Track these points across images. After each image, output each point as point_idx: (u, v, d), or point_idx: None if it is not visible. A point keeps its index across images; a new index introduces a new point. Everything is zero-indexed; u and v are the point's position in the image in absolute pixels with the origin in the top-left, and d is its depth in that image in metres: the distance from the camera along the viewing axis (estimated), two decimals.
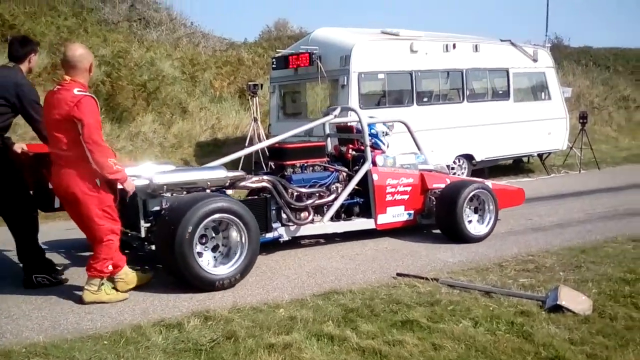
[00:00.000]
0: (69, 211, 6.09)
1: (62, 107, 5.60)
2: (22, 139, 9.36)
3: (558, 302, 5.41)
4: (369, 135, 8.66)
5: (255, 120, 13.75)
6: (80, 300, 5.93)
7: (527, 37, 15.65)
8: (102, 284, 5.96)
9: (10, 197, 6.35)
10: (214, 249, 6.54)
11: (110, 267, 6.00)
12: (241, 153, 9.10)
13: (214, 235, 6.51)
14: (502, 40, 15.44)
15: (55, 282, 6.53)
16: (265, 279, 6.73)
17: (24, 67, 6.44)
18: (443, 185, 8.71)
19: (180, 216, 6.19)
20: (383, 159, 8.71)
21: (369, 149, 8.49)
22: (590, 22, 68.90)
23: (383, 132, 9.18)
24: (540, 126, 15.25)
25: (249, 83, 14.47)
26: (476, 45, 14.53)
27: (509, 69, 14.91)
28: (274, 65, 14.26)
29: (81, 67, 5.78)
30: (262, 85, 14.77)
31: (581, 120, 16.76)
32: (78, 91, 5.62)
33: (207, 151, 14.91)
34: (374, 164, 8.51)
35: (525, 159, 16.63)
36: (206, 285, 6.25)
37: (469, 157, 14.09)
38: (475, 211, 8.58)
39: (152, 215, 6.74)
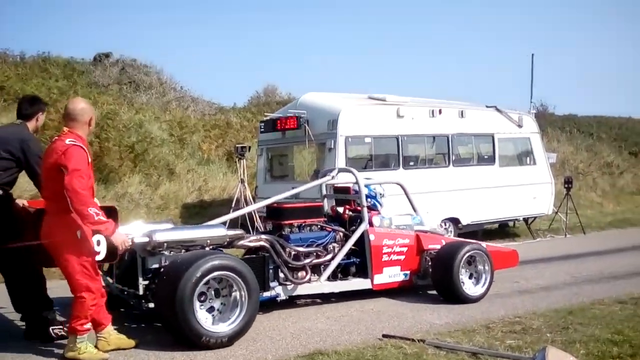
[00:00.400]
0: (56, 262, 5.96)
1: (52, 156, 5.69)
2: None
3: None
4: (366, 196, 8.73)
5: (242, 182, 13.77)
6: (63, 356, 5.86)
7: (512, 104, 16.23)
8: (81, 342, 5.82)
9: (14, 252, 6.31)
10: (212, 307, 6.52)
11: (87, 326, 5.85)
12: (238, 213, 9.24)
13: (213, 293, 6.50)
14: (487, 106, 15.65)
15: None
16: (248, 339, 6.58)
17: (31, 125, 6.62)
18: (439, 246, 8.76)
19: (182, 273, 6.19)
20: (380, 219, 8.78)
21: (365, 210, 8.55)
22: (574, 91, 70.22)
23: (380, 194, 9.27)
24: (526, 191, 15.34)
25: (237, 145, 14.54)
26: (462, 111, 14.71)
27: (495, 134, 15.07)
28: (262, 128, 14.39)
29: (81, 120, 5.89)
30: (249, 147, 14.84)
31: (566, 185, 16.91)
32: (69, 141, 5.67)
33: (194, 212, 14.90)
34: (371, 224, 8.56)
35: (511, 223, 16.66)
36: (206, 344, 6.20)
37: (455, 221, 14.11)
38: (470, 276, 8.61)
39: (151, 273, 6.74)
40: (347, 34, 74.05)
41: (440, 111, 14.23)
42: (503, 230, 16.51)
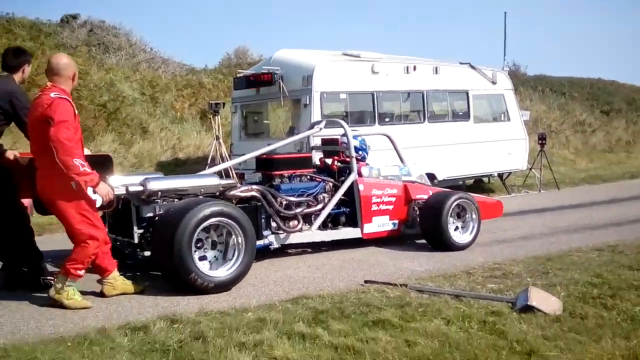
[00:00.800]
0: (55, 215, 6.01)
1: (38, 110, 5.69)
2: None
3: (528, 303, 5.40)
4: (354, 147, 8.79)
5: (218, 138, 13.63)
6: (48, 295, 5.89)
7: (486, 62, 16.21)
8: (69, 286, 5.82)
9: (4, 204, 6.38)
10: (210, 253, 6.59)
11: (80, 272, 5.86)
12: (229, 163, 9.32)
13: (210, 237, 6.55)
14: (461, 63, 15.61)
15: None
16: None
17: (17, 77, 6.58)
18: (426, 196, 8.87)
19: (179, 220, 6.23)
20: (368, 170, 8.88)
21: (354, 160, 8.63)
22: (546, 51, 70.43)
23: (367, 145, 9.32)
24: (500, 147, 15.39)
25: (211, 102, 14.37)
26: (436, 68, 14.65)
27: (469, 91, 15.05)
28: (235, 85, 14.20)
29: (64, 75, 5.88)
30: (224, 104, 14.68)
31: (540, 142, 17.02)
32: (54, 94, 5.66)
33: (169, 170, 14.74)
34: (360, 175, 8.63)
35: (486, 179, 16.75)
36: (205, 288, 6.26)
37: (430, 176, 14.07)
38: (458, 225, 8.73)
39: (145, 222, 6.79)
40: None
41: (414, 67, 14.16)
42: (478, 185, 16.58)
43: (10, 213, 6.46)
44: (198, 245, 6.40)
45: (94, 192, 5.90)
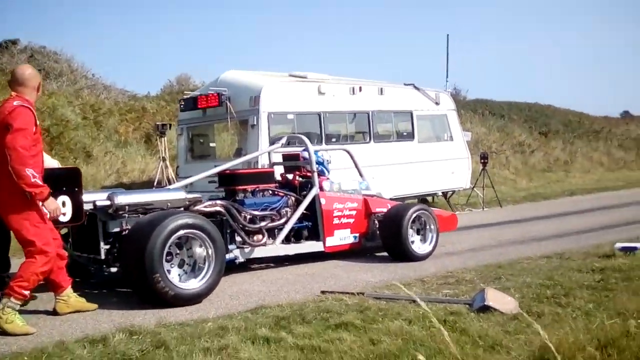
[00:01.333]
0: (8, 227, 5.79)
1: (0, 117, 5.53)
2: None
3: (485, 303, 5.49)
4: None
5: (164, 160, 13.53)
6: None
7: (429, 84, 16.45)
8: (10, 307, 5.47)
9: None
10: (180, 265, 6.58)
11: (25, 292, 5.58)
12: (196, 178, 9.09)
13: (178, 252, 6.55)
14: (405, 84, 15.85)
15: (31, 298, 6.25)
16: None
17: None
18: (385, 209, 9.05)
19: (150, 232, 6.21)
20: (329, 184, 9.02)
21: (316, 175, 8.73)
22: (486, 76, 72.19)
23: (327, 161, 9.51)
24: (444, 166, 15.63)
25: (157, 123, 14.31)
26: (381, 89, 14.85)
27: (413, 111, 15.28)
28: (182, 107, 14.11)
29: (29, 85, 5.80)
30: (170, 125, 14.60)
31: (482, 161, 17.36)
32: (17, 102, 5.55)
33: None
34: (321, 189, 8.73)
35: (430, 198, 16.96)
36: (177, 300, 6.24)
37: None
38: (417, 232, 8.93)
39: (112, 237, 6.72)
40: (260, 18, 73.55)
41: (360, 88, 14.32)
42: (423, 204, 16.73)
43: None
44: (168, 258, 6.37)
45: (63, 200, 5.82)
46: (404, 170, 14.66)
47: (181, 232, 6.41)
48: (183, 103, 14.06)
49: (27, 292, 5.62)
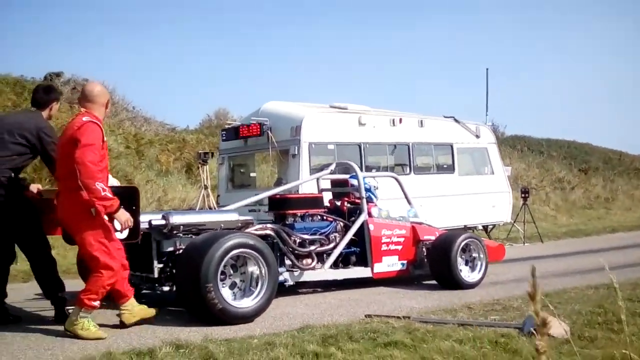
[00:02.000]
0: (74, 240, 5.99)
1: (68, 132, 5.76)
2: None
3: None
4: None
5: (206, 187, 13.62)
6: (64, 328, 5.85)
7: (468, 119, 16.39)
8: (84, 317, 5.74)
9: (28, 235, 6.44)
10: (232, 285, 6.65)
11: (95, 303, 5.80)
12: (249, 200, 9.26)
13: (232, 272, 6.63)
14: (445, 117, 15.83)
15: None
16: None
17: (45, 113, 6.66)
18: (433, 237, 9.01)
19: (206, 250, 6.29)
20: (378, 210, 9.01)
21: (365, 201, 8.72)
22: (524, 113, 71.81)
23: (374, 187, 9.46)
24: (485, 199, 15.48)
25: (199, 152, 14.42)
26: (421, 121, 14.84)
27: (453, 144, 15.22)
28: (223, 137, 14.24)
29: (98, 102, 5.99)
30: (212, 153, 14.72)
31: (523, 195, 17.20)
32: (86, 118, 5.73)
33: None
34: (369, 215, 8.69)
35: (471, 232, 16.78)
36: (231, 319, 6.32)
37: None
38: (466, 261, 8.86)
39: (165, 256, 6.82)
40: (298, 50, 74.20)
41: (400, 120, 14.32)
42: None
43: (35, 245, 6.48)
44: (222, 277, 6.43)
45: (112, 219, 5.87)
46: (444, 202, 14.54)
47: (236, 251, 6.49)
48: (225, 133, 14.20)
49: (96, 304, 5.84)
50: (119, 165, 16.41)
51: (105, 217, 5.77)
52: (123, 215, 5.80)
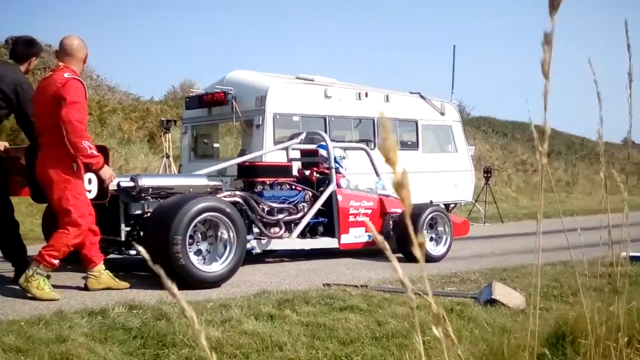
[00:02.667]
0: (47, 196, 5.87)
1: (51, 88, 5.62)
2: None
3: (492, 297, 5.40)
4: None
5: (168, 156, 13.46)
6: (16, 281, 5.84)
7: (435, 95, 16.35)
8: (40, 274, 5.61)
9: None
10: (198, 252, 6.60)
11: (54, 261, 5.69)
12: (221, 165, 9.48)
13: (199, 239, 6.59)
14: (411, 93, 15.81)
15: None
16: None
17: (23, 67, 6.40)
18: (400, 210, 8.93)
19: (174, 213, 6.22)
20: (346, 181, 9.00)
21: (334, 171, 8.72)
22: (491, 94, 72.35)
23: (341, 157, 9.46)
24: (448, 177, 15.51)
25: (162, 119, 14.23)
26: (387, 96, 14.77)
27: (418, 121, 15.20)
28: (187, 105, 14.05)
29: (77, 56, 5.88)
30: (175, 121, 14.53)
31: (485, 175, 17.30)
32: (68, 75, 5.62)
33: None
34: (338, 186, 8.69)
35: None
36: (199, 282, 6.30)
37: None
38: (431, 238, 8.95)
39: (133, 219, 6.74)
40: (266, 25, 73.71)
41: (366, 94, 14.23)
42: None
43: (4, 207, 6.34)
44: (190, 241, 6.36)
45: (97, 175, 5.89)
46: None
47: (206, 214, 6.44)
48: (189, 101, 14.00)
49: (56, 262, 5.71)
50: None
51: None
52: (107, 172, 5.88)
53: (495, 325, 4.47)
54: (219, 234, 6.65)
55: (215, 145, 14.60)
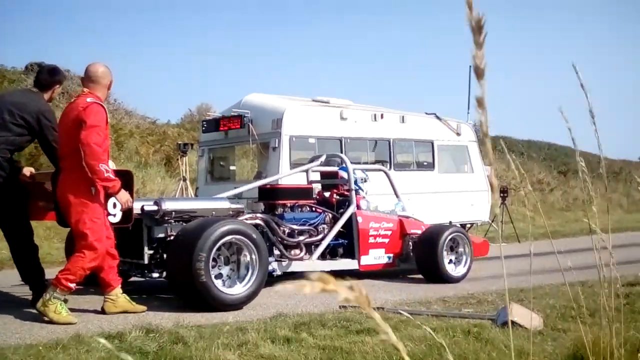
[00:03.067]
0: (66, 219, 5.97)
1: (73, 112, 5.77)
2: None
3: (510, 318, 5.35)
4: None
5: (185, 179, 13.52)
6: (34, 306, 5.83)
7: (451, 115, 16.42)
8: (57, 299, 5.68)
9: (14, 220, 6.40)
10: (219, 276, 6.63)
11: (71, 285, 5.77)
12: (241, 189, 9.35)
13: (222, 258, 6.65)
14: (427, 114, 15.81)
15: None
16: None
17: (46, 95, 6.54)
18: (420, 231, 9.08)
19: (198, 236, 6.28)
20: (366, 203, 9.03)
21: (354, 193, 8.77)
22: (506, 114, 72.36)
23: (362, 179, 9.50)
24: (464, 197, 15.47)
25: (179, 142, 14.32)
26: (403, 117, 14.80)
27: (434, 141, 15.21)
28: (204, 128, 14.15)
29: (101, 83, 6.03)
30: (192, 145, 14.61)
31: (502, 195, 17.22)
32: (90, 99, 5.77)
33: None
34: (358, 207, 8.73)
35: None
36: (222, 304, 6.37)
37: None
38: (451, 259, 8.94)
39: (156, 243, 6.80)
40: (282, 47, 74.24)
41: (382, 116, 14.28)
42: None
43: (19, 230, 6.43)
44: (212, 264, 6.42)
45: (114, 201, 5.97)
46: (424, 200, 14.52)
47: (229, 237, 6.51)
48: (205, 124, 14.10)
49: (72, 285, 5.79)
50: None
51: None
52: (124, 196, 5.89)
53: (513, 348, 4.44)
54: (242, 257, 6.71)
55: (232, 167, 14.66)
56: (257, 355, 4.15)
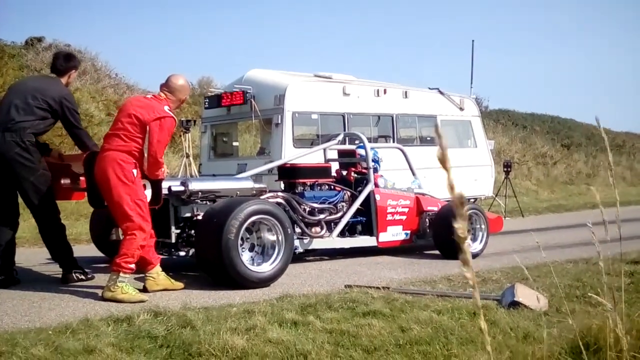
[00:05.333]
0: (105, 199, 6.09)
1: (150, 112, 5.95)
2: None
3: (515, 299, 5.40)
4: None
5: (188, 156, 13.52)
6: (101, 296, 5.93)
7: (453, 91, 16.29)
8: (122, 282, 5.84)
9: (41, 201, 6.55)
10: (251, 247, 6.82)
11: (131, 266, 5.92)
12: (262, 168, 9.56)
13: (248, 236, 6.78)
14: (430, 88, 15.75)
15: (88, 277, 6.88)
16: (208, 285, 6.62)
17: (63, 80, 6.85)
18: (436, 208, 9.24)
19: (227, 215, 6.39)
20: (383, 181, 9.17)
21: (372, 171, 8.88)
22: (508, 87, 72.07)
23: (380, 158, 9.62)
24: (467, 172, 15.43)
25: (182, 119, 14.27)
26: (406, 92, 14.74)
27: (437, 116, 15.17)
28: (206, 105, 14.10)
29: (177, 95, 6.31)
30: (195, 121, 14.59)
31: (505, 169, 17.22)
32: (167, 109, 6.01)
33: None
34: (376, 185, 8.85)
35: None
36: (250, 282, 6.52)
37: None
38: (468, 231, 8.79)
39: (183, 222, 6.98)
40: (285, 21, 73.86)
41: (385, 91, 14.22)
42: None
43: (46, 211, 6.61)
44: (240, 242, 6.52)
45: (144, 182, 6.17)
46: (427, 175, 14.52)
47: (255, 217, 6.62)
48: (208, 100, 14.05)
49: (133, 266, 5.94)
50: (100, 132, 16.21)
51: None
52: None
53: (519, 331, 4.47)
54: (268, 235, 6.84)
55: (235, 143, 14.64)
56: (265, 340, 4.18)
